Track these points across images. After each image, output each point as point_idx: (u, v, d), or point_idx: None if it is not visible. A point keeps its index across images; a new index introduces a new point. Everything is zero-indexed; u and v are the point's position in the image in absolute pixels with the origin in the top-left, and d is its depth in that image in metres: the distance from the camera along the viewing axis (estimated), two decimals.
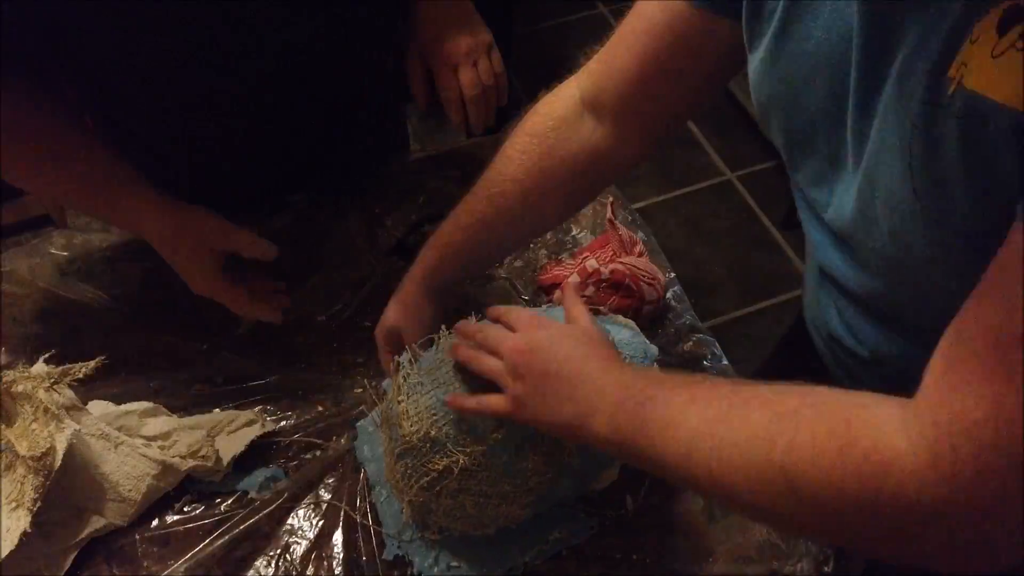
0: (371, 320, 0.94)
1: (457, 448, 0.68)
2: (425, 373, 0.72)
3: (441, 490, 0.70)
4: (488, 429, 0.68)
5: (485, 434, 0.68)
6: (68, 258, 0.98)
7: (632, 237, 1.00)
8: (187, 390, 0.87)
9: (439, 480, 0.69)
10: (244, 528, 0.77)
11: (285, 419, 0.85)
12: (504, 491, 0.70)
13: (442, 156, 1.14)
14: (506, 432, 0.68)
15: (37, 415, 0.73)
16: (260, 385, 0.87)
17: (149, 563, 0.75)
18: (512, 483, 0.70)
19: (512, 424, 0.68)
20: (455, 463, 0.68)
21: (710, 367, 0.92)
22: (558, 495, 0.75)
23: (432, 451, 0.69)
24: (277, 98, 0.90)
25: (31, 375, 0.76)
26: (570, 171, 0.76)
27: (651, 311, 0.94)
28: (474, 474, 0.69)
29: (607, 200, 1.04)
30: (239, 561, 0.75)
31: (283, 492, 0.79)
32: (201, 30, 0.78)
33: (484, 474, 0.69)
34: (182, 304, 0.93)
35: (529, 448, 0.69)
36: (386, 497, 0.79)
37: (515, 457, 0.69)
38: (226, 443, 0.80)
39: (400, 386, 0.72)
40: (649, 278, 0.94)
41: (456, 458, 0.68)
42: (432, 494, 0.70)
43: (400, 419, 0.70)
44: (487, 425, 0.68)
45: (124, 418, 0.79)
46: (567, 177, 0.76)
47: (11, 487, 0.71)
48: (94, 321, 0.91)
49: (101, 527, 0.75)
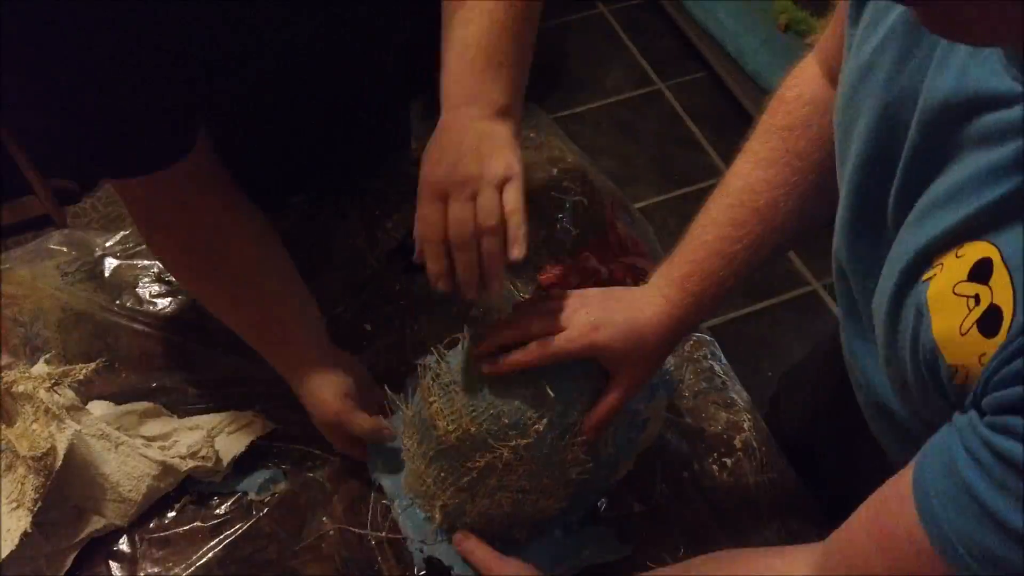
0: (371, 323, 0.94)
1: (499, 442, 0.67)
2: (456, 372, 0.71)
3: (480, 489, 0.70)
4: (530, 421, 0.67)
5: (527, 426, 0.67)
6: (68, 258, 0.98)
7: (632, 237, 1.00)
8: (187, 390, 0.87)
9: (479, 479, 0.69)
10: (244, 529, 0.77)
11: (285, 420, 0.85)
12: (543, 485, 0.70)
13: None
14: (547, 422, 0.67)
15: (38, 415, 0.74)
16: (260, 386, 0.87)
17: (148, 564, 0.75)
18: (552, 475, 0.70)
19: (553, 414, 0.68)
20: (498, 458, 0.67)
21: (710, 367, 0.92)
22: (592, 486, 0.75)
23: (472, 449, 0.68)
24: (277, 98, 0.89)
25: (32, 375, 0.76)
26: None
27: None
28: (515, 468, 0.68)
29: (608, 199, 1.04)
30: (239, 562, 0.75)
31: (283, 493, 0.79)
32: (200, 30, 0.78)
33: (524, 468, 0.68)
34: (182, 304, 0.93)
35: (570, 437, 0.69)
36: (408, 507, 0.77)
37: (557, 448, 0.69)
38: (226, 444, 0.80)
39: (430, 387, 0.71)
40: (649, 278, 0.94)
41: (499, 453, 0.67)
42: (469, 495, 0.70)
43: (435, 419, 0.69)
44: (529, 416, 0.67)
45: (124, 418, 0.79)
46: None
47: (12, 487, 0.71)
48: (94, 321, 0.91)
49: (101, 527, 0.75)
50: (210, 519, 0.78)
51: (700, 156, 2.32)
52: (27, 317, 0.91)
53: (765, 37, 2.24)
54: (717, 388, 0.91)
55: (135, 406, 0.81)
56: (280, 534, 0.77)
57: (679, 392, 0.89)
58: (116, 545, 0.76)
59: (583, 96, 2.43)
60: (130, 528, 0.76)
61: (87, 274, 0.96)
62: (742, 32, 2.29)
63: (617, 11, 2.71)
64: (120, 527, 0.76)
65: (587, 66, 2.52)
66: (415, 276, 0.97)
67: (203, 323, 0.92)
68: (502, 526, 0.73)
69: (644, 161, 2.29)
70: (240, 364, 0.89)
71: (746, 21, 2.30)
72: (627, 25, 2.67)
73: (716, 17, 2.36)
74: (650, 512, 0.80)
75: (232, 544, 0.76)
